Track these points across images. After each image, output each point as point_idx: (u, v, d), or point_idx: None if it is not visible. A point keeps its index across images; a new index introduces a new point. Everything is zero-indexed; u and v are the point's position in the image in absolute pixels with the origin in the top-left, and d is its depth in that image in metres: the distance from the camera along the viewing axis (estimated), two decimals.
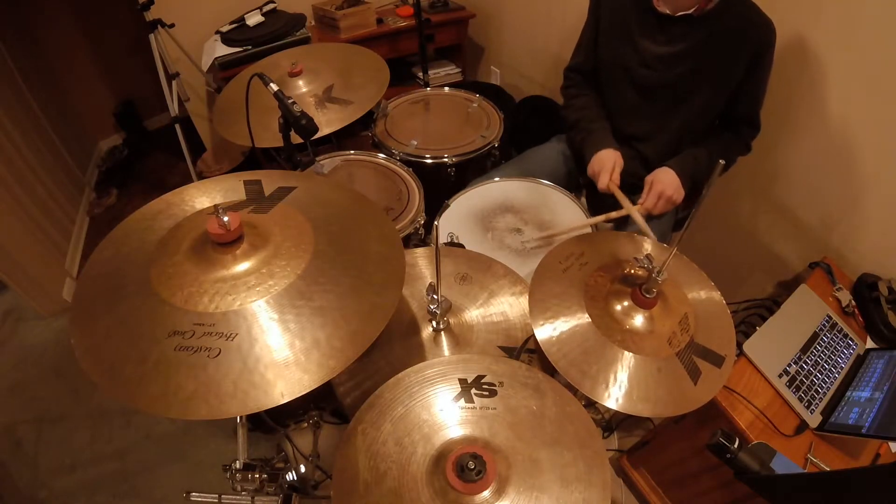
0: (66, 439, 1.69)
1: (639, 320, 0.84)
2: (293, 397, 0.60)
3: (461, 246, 1.19)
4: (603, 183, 1.23)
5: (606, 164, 1.24)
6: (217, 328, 0.65)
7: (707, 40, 1.14)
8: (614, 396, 0.76)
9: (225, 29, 2.17)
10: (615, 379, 0.77)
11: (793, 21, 1.22)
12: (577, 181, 1.57)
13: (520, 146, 2.04)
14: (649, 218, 1.29)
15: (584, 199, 1.56)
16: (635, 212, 1.16)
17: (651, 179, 1.23)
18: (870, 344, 1.21)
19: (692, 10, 1.12)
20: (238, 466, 0.82)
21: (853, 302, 1.26)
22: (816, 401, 1.06)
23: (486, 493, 0.63)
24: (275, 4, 2.26)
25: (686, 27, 1.15)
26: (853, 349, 1.17)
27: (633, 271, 0.91)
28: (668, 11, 1.15)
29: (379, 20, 2.32)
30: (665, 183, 1.20)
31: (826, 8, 1.19)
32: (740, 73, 1.15)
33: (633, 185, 1.29)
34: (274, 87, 1.06)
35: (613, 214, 1.20)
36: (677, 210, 1.40)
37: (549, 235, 1.25)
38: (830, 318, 1.20)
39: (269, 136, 1.24)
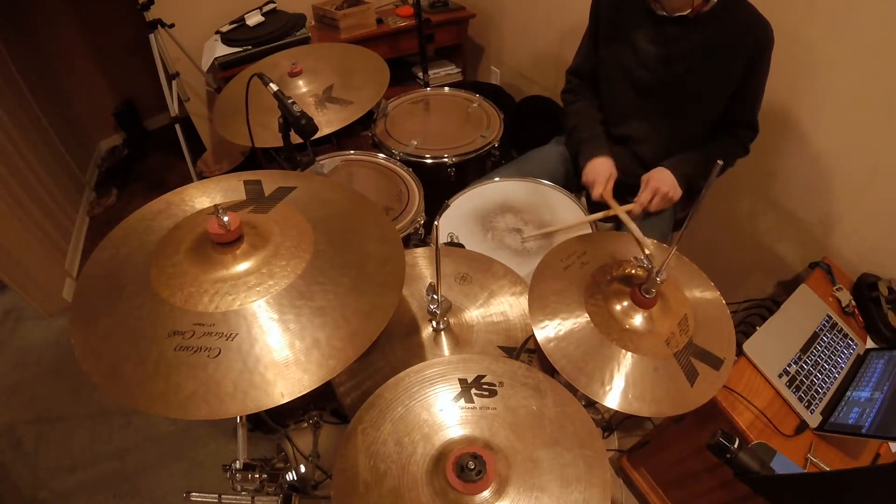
0: (66, 439, 1.69)
1: (638, 320, 0.84)
2: (293, 397, 0.60)
3: (461, 246, 1.19)
4: (597, 194, 1.25)
5: (600, 177, 1.26)
6: (217, 328, 0.65)
7: (704, 42, 1.14)
8: (610, 395, 0.76)
9: (225, 29, 2.17)
10: (611, 377, 0.77)
11: (790, 20, 1.22)
12: (576, 183, 1.57)
13: (520, 146, 2.04)
14: (649, 217, 1.30)
15: (584, 200, 1.56)
16: (625, 215, 1.17)
17: (647, 177, 1.24)
18: (870, 344, 1.21)
19: (687, 11, 1.12)
20: (238, 466, 0.82)
21: (853, 302, 1.26)
22: (816, 401, 1.06)
23: (486, 493, 0.63)
24: (275, 4, 2.26)
25: (682, 28, 1.15)
26: (853, 349, 1.17)
27: (632, 271, 0.91)
28: (663, 13, 1.15)
29: (379, 20, 2.32)
30: (660, 180, 1.21)
31: (822, 7, 1.19)
32: (738, 75, 1.15)
33: (632, 185, 1.29)
34: (274, 87, 1.06)
35: (610, 212, 1.21)
36: (676, 210, 1.40)
37: (547, 232, 1.25)
38: (830, 318, 1.20)
39: (269, 136, 1.24)
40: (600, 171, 1.27)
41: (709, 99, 1.21)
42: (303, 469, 0.88)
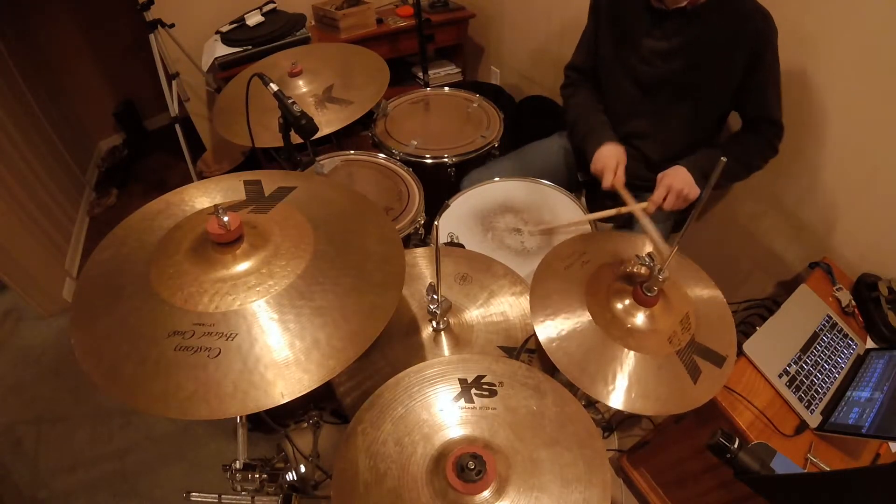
0: (66, 439, 1.69)
1: (640, 318, 0.84)
2: (293, 397, 0.60)
3: (461, 246, 1.19)
4: (607, 181, 1.21)
5: (609, 163, 1.23)
6: (217, 328, 0.65)
7: (703, 34, 1.14)
8: (613, 394, 0.76)
9: (225, 29, 2.17)
10: (614, 376, 0.77)
11: (790, 17, 1.21)
12: (576, 178, 1.57)
13: (520, 146, 2.04)
14: (654, 217, 1.28)
15: (583, 200, 1.56)
16: (638, 209, 1.15)
17: (661, 175, 1.21)
18: (870, 344, 1.20)
19: (684, 4, 1.12)
20: (238, 466, 0.82)
21: (853, 302, 1.26)
22: (816, 401, 1.06)
23: (486, 493, 0.63)
24: (275, 4, 2.26)
25: (681, 21, 1.15)
26: (853, 349, 1.17)
27: (634, 270, 0.91)
28: (661, 6, 1.15)
29: (379, 20, 2.32)
30: (673, 177, 1.18)
31: (823, 4, 1.19)
32: (740, 68, 1.14)
33: (634, 185, 1.28)
34: (274, 87, 1.06)
35: (613, 211, 1.20)
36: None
37: (549, 228, 1.25)
38: (830, 318, 1.20)
39: (269, 136, 1.24)
40: (608, 158, 1.23)
41: (712, 93, 1.20)
42: (303, 469, 0.88)
